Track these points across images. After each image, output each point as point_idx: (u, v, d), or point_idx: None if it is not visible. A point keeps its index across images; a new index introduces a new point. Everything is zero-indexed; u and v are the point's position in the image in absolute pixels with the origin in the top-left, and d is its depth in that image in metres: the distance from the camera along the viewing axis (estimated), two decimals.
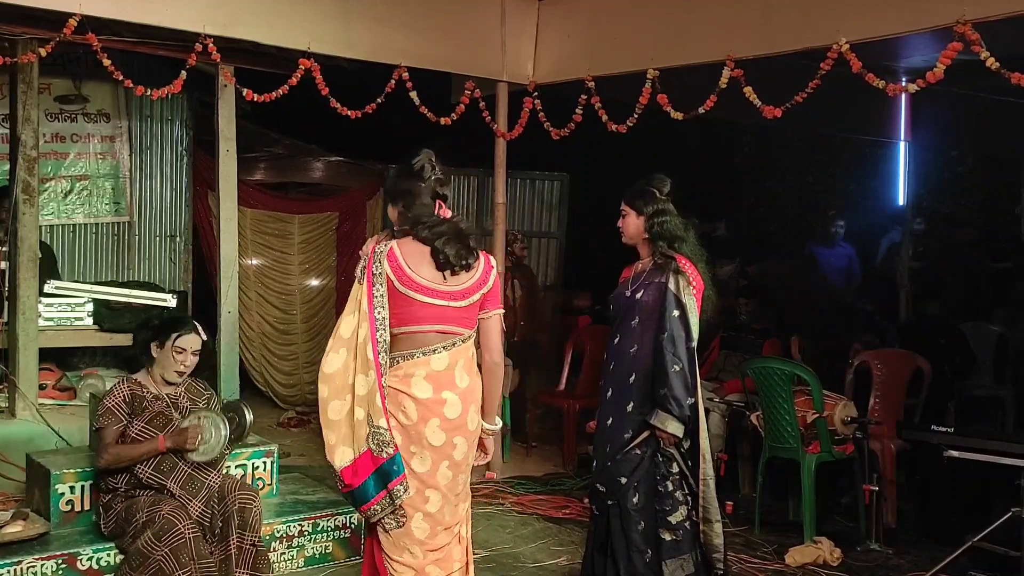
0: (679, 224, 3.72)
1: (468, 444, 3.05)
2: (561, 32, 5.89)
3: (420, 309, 2.94)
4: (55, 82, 6.66)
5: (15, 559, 3.66)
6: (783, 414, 4.98)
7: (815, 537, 4.77)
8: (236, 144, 5.72)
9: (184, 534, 3.51)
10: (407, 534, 2.96)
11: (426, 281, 2.95)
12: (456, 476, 3.03)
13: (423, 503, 2.98)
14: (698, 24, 5.03)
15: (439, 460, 2.98)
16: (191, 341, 3.85)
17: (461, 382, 2.99)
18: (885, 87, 4.20)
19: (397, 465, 2.88)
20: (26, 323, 5.43)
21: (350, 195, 8.01)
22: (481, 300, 3.04)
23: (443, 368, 2.96)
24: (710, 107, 4.79)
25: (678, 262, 3.64)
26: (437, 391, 2.95)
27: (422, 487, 2.97)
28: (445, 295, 2.97)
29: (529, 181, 8.35)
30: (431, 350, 2.95)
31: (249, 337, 7.44)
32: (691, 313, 3.61)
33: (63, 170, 6.88)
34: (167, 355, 3.82)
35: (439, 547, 3.03)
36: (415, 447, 2.95)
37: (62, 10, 4.38)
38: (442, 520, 3.02)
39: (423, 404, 2.94)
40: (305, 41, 5.06)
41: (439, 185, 3.05)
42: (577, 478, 6.05)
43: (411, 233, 2.99)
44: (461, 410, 2.99)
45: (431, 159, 3.05)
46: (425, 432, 2.95)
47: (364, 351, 2.87)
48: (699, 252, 3.74)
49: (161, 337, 3.85)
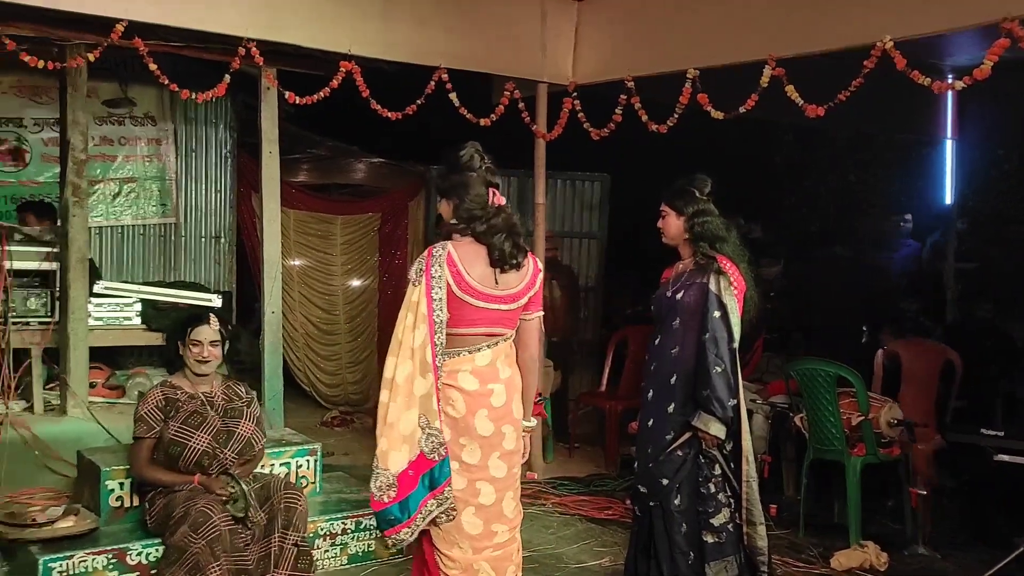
0: (720, 224, 3.70)
1: (516, 434, 3.09)
2: (601, 32, 5.88)
3: (472, 313, 2.98)
4: (103, 86, 6.80)
5: (67, 553, 3.74)
6: (827, 416, 4.92)
7: (861, 540, 4.71)
8: (279, 146, 5.80)
9: (219, 526, 3.55)
10: (457, 528, 2.99)
11: (479, 285, 2.97)
12: (511, 468, 3.07)
13: (474, 496, 3.00)
14: (739, 23, 5.00)
15: (489, 451, 3.01)
16: (204, 332, 3.90)
17: (503, 373, 3.05)
18: (930, 84, 4.14)
19: (446, 469, 2.88)
20: (76, 323, 5.55)
21: (391, 196, 8.06)
22: (527, 302, 3.09)
23: (486, 364, 3.01)
24: (751, 107, 4.76)
25: (719, 262, 3.62)
26: (483, 384, 3.01)
27: (473, 479, 2.99)
28: (496, 299, 3.01)
29: (569, 182, 8.33)
30: (476, 348, 3.01)
31: (293, 337, 7.52)
32: (732, 314, 3.58)
33: (111, 173, 7.02)
34: (188, 351, 3.90)
35: (497, 544, 3.03)
36: (464, 439, 2.99)
37: (109, 15, 4.47)
38: (499, 515, 3.04)
39: (471, 396, 2.99)
40: (346, 43, 5.11)
41: (490, 174, 3.07)
42: (619, 479, 6.03)
43: (468, 231, 3.00)
44: (506, 399, 3.04)
45: (478, 149, 3.08)
46: (474, 423, 2.99)
47: (423, 353, 2.88)
48: (741, 252, 3.71)
49: (181, 335, 3.93)
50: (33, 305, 5.64)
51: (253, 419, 3.98)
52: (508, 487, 3.07)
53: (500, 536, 3.04)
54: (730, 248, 3.68)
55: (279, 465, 4.54)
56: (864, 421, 4.83)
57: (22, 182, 6.84)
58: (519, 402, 3.10)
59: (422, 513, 2.85)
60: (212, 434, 3.82)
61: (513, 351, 3.12)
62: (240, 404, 4.00)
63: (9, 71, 6.59)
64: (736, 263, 3.65)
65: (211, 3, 4.73)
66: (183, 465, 3.79)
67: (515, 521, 3.10)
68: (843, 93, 4.33)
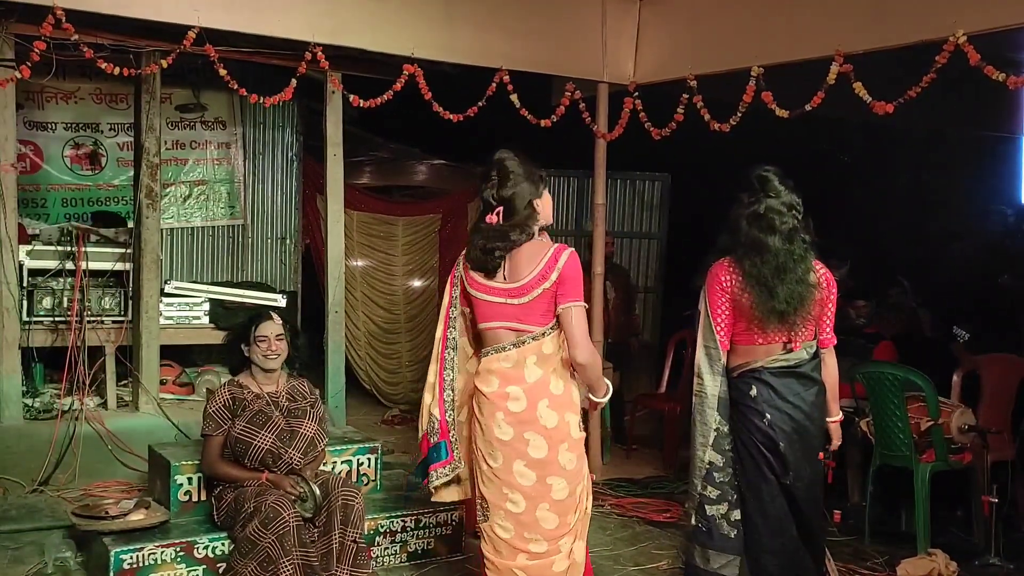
0: (744, 223, 3.47)
1: (550, 444, 3.01)
2: (662, 31, 5.83)
3: (484, 307, 3.09)
4: (176, 92, 7.01)
5: (138, 545, 3.85)
6: (895, 421, 4.80)
7: (929, 549, 4.58)
8: (343, 148, 5.90)
9: (288, 522, 3.62)
10: (492, 529, 3.06)
11: (484, 280, 3.08)
12: (543, 479, 3.01)
13: (503, 501, 3.04)
14: (804, 19, 4.90)
15: (511, 456, 3.01)
16: (269, 327, 3.99)
17: (530, 376, 3.02)
18: (1005, 80, 4.02)
19: (441, 452, 3.20)
20: (148, 321, 5.72)
21: (452, 197, 8.13)
22: (553, 295, 3.00)
23: (511, 365, 3.03)
24: (817, 104, 4.67)
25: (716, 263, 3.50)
26: (502, 385, 3.03)
27: (500, 484, 3.04)
28: (502, 292, 3.05)
29: (629, 182, 8.29)
30: (501, 347, 3.06)
31: (355, 336, 7.63)
32: (703, 315, 3.49)
33: (182, 175, 7.23)
34: (254, 349, 3.98)
35: (534, 553, 3.03)
36: (486, 444, 3.06)
37: (182, 23, 4.60)
38: (533, 525, 3.02)
39: (488, 399, 3.05)
40: (409, 47, 5.17)
41: (491, 189, 3.07)
42: (678, 481, 5.96)
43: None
44: (527, 404, 3.01)
45: (493, 162, 3.10)
46: (492, 427, 3.04)
47: (437, 346, 3.24)
48: (749, 251, 3.44)
49: (245, 337, 4.00)
50: (107, 304, 5.85)
51: (316, 419, 4.04)
52: (541, 499, 3.00)
53: (537, 546, 3.02)
54: (740, 248, 3.42)
55: (340, 462, 4.60)
56: (934, 426, 4.70)
57: (98, 185, 7.09)
58: (554, 411, 3.01)
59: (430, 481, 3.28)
60: (276, 434, 3.89)
61: (556, 356, 3.05)
62: (304, 404, 4.06)
63: (88, 78, 6.84)
64: (738, 261, 3.41)
65: (279, 10, 4.83)
66: (248, 463, 3.87)
67: (556, 534, 3.03)
68: (914, 89, 4.22)
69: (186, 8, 4.58)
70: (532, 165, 3.12)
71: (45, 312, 5.67)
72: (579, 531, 3.12)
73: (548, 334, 3.04)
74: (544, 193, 3.12)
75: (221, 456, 3.93)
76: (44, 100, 6.88)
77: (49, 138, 6.93)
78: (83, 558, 4.13)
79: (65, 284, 5.73)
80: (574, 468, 3.06)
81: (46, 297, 5.68)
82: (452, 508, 4.53)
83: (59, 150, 6.97)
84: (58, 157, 6.97)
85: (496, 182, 3.07)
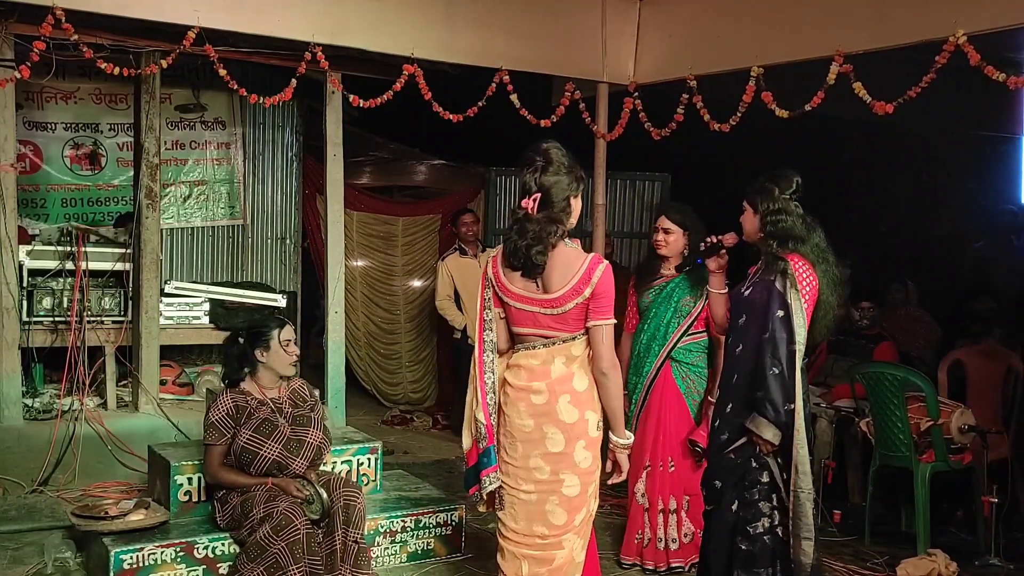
0: (797, 224, 3.53)
1: (567, 439, 3.02)
2: (662, 31, 5.82)
3: (517, 314, 3.09)
4: (176, 92, 7.01)
5: (138, 545, 3.85)
6: (895, 421, 4.80)
7: (929, 549, 4.58)
8: (343, 149, 5.89)
9: (300, 530, 3.62)
10: (505, 515, 3.13)
11: (518, 289, 3.06)
12: (556, 473, 3.03)
13: (519, 492, 3.09)
14: (804, 18, 4.90)
15: (529, 448, 3.05)
16: (291, 332, 4.03)
17: (555, 372, 3.04)
18: (1005, 80, 4.01)
19: (491, 456, 3.11)
20: (148, 321, 5.72)
21: (453, 197, 8.12)
22: (585, 308, 3.00)
23: (539, 362, 3.07)
24: (817, 104, 4.67)
25: (789, 261, 3.48)
26: (529, 380, 3.07)
27: (516, 472, 3.09)
28: (536, 303, 3.04)
29: (630, 182, 8.29)
30: (531, 346, 3.09)
31: (355, 336, 7.63)
32: (796, 315, 3.43)
33: (182, 175, 7.22)
34: (277, 353, 3.93)
35: (535, 544, 3.06)
36: (507, 434, 3.12)
37: (182, 23, 4.60)
38: (542, 517, 3.05)
39: (515, 389, 3.09)
40: (409, 47, 5.17)
41: (533, 174, 3.02)
42: None
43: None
44: (547, 398, 3.03)
45: (539, 148, 3.06)
46: (515, 418, 3.08)
47: (475, 349, 3.18)
48: (821, 254, 3.54)
49: (264, 340, 3.94)
50: (107, 304, 5.84)
51: (320, 425, 4.03)
52: (552, 492, 3.03)
53: (543, 539, 3.06)
54: (807, 249, 3.51)
55: (340, 463, 4.60)
56: (934, 427, 4.70)
57: (98, 185, 7.09)
58: (575, 407, 3.02)
59: (480, 489, 3.17)
60: (283, 443, 3.87)
61: (583, 356, 3.07)
62: (307, 410, 4.04)
63: (88, 79, 6.84)
64: (813, 264, 3.50)
65: (279, 10, 4.83)
66: (254, 472, 3.86)
67: (564, 530, 3.04)
68: (913, 89, 4.21)
69: (186, 8, 4.57)
70: (576, 163, 3.11)
71: (45, 312, 5.66)
72: (582, 531, 3.12)
73: (579, 338, 3.06)
74: (580, 195, 3.11)
75: (223, 463, 3.92)
76: (44, 100, 6.87)
77: (49, 138, 6.93)
78: (83, 558, 4.13)
79: (65, 284, 5.72)
80: (588, 467, 3.06)
81: (46, 297, 5.67)
82: (452, 508, 4.54)
83: (59, 150, 6.97)
84: (58, 157, 6.97)
85: (540, 168, 3.02)
